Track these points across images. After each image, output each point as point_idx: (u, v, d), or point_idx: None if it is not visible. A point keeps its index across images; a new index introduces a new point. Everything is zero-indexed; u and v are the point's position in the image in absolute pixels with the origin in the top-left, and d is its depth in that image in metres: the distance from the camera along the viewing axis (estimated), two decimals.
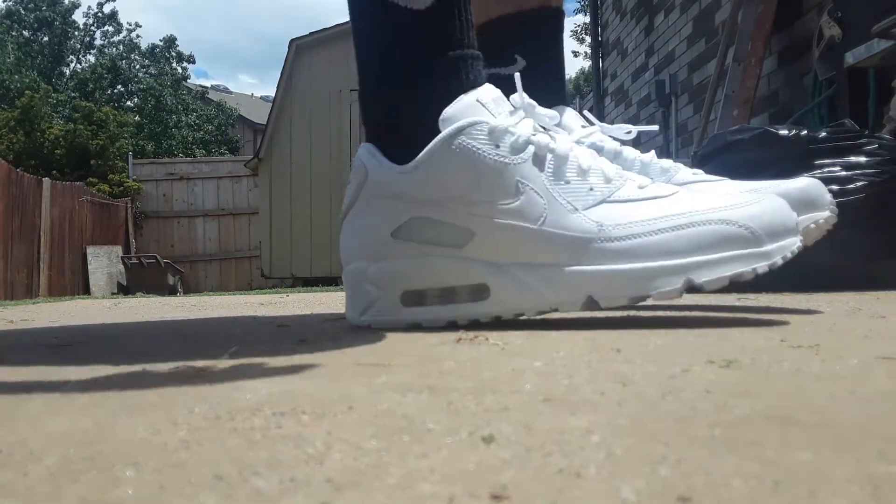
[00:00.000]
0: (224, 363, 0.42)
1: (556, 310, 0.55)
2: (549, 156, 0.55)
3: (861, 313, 0.60)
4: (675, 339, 0.45)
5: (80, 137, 8.59)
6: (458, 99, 0.56)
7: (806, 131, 1.08)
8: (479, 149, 0.55)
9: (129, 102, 13.49)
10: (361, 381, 0.34)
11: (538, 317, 0.59)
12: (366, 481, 0.18)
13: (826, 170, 1.04)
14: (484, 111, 0.56)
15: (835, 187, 1.01)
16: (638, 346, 0.42)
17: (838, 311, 0.63)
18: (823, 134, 1.07)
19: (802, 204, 0.62)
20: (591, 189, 0.54)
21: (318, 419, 0.26)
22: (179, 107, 13.28)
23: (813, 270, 1.00)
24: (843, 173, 1.03)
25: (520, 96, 0.58)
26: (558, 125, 0.62)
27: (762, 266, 0.50)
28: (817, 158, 1.05)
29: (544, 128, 0.58)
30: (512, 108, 0.57)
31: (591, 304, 0.53)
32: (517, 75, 0.59)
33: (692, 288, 0.51)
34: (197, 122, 13.46)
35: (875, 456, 0.19)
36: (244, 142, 13.76)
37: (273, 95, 6.39)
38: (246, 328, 0.72)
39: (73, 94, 12.45)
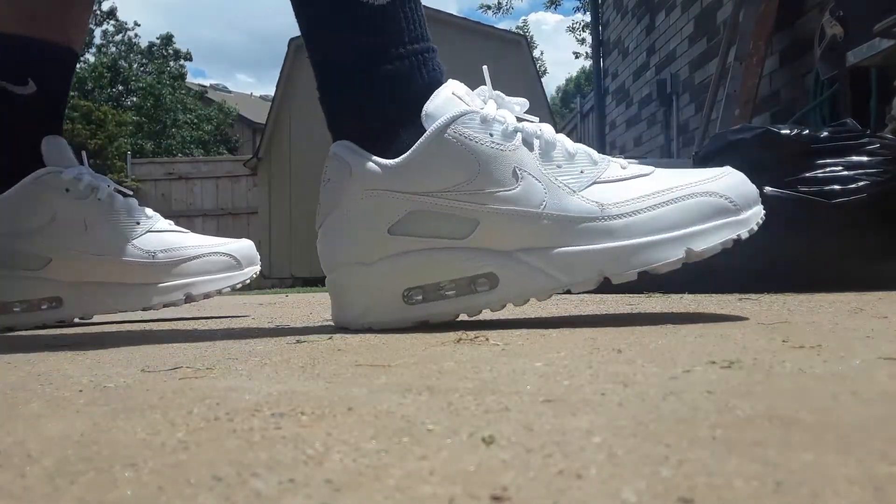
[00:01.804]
0: (223, 364, 0.42)
1: (568, 291, 0.56)
2: (537, 141, 0.57)
3: (863, 314, 0.59)
4: (676, 339, 0.45)
5: (78, 137, 8.59)
6: (434, 94, 0.57)
7: (808, 131, 1.08)
8: (474, 137, 0.55)
9: (127, 101, 13.48)
10: (361, 381, 0.33)
11: (538, 315, 0.59)
12: (365, 482, 0.18)
13: (828, 169, 1.03)
14: (462, 104, 0.57)
15: (836, 187, 1.01)
16: (639, 346, 0.42)
17: (840, 311, 0.63)
18: (825, 133, 1.07)
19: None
20: (582, 172, 0.57)
21: (318, 420, 0.25)
22: (178, 106, 13.27)
23: (815, 270, 1.00)
24: (845, 173, 1.02)
25: (488, 89, 0.59)
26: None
27: (744, 232, 0.55)
28: (819, 158, 1.05)
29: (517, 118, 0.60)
30: (483, 101, 0.59)
31: (605, 280, 0.55)
32: (485, 68, 0.61)
33: (690, 256, 0.54)
34: (196, 121, 13.45)
35: (878, 457, 0.19)
36: (243, 141, 13.76)
37: (271, 94, 6.39)
38: (245, 328, 0.72)
39: (72, 94, 12.44)
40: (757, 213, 0.57)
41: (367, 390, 0.31)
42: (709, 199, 0.55)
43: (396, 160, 0.56)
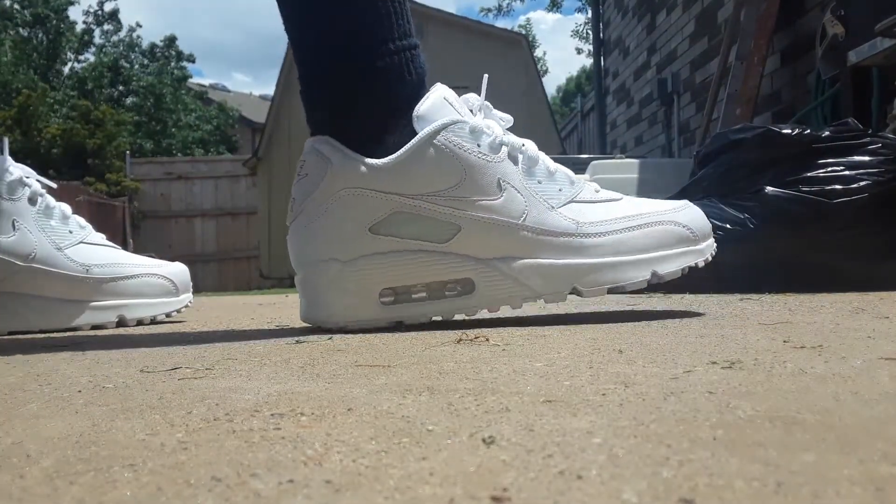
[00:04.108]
0: (222, 364, 0.42)
1: (541, 299, 0.58)
2: (521, 156, 0.59)
3: (865, 314, 0.59)
4: (677, 339, 0.45)
5: (76, 136, 8.59)
6: (426, 96, 0.58)
7: (809, 130, 1.08)
8: (463, 146, 0.57)
9: (127, 101, 13.47)
10: (361, 381, 0.33)
11: (538, 315, 0.59)
12: (365, 483, 0.18)
13: (829, 169, 1.03)
14: (453, 109, 0.58)
15: (838, 187, 1.01)
16: (640, 346, 0.42)
17: (841, 311, 0.63)
18: (826, 133, 1.07)
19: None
20: (560, 189, 0.60)
21: (317, 420, 0.25)
22: (178, 106, 13.27)
23: (816, 271, 1.00)
24: (847, 173, 1.02)
25: (480, 98, 0.60)
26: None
27: (701, 261, 0.61)
28: (820, 158, 1.04)
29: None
30: (471, 108, 0.60)
31: (575, 293, 0.59)
32: (485, 77, 0.62)
33: (654, 278, 0.59)
34: (196, 121, 13.46)
35: (879, 457, 0.19)
36: (243, 141, 13.76)
37: (270, 94, 6.39)
38: (244, 329, 0.72)
39: (71, 93, 12.44)
40: (710, 245, 0.62)
41: (367, 390, 0.31)
42: (674, 228, 0.60)
43: (384, 161, 0.56)
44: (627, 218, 0.59)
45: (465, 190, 0.56)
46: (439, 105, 0.57)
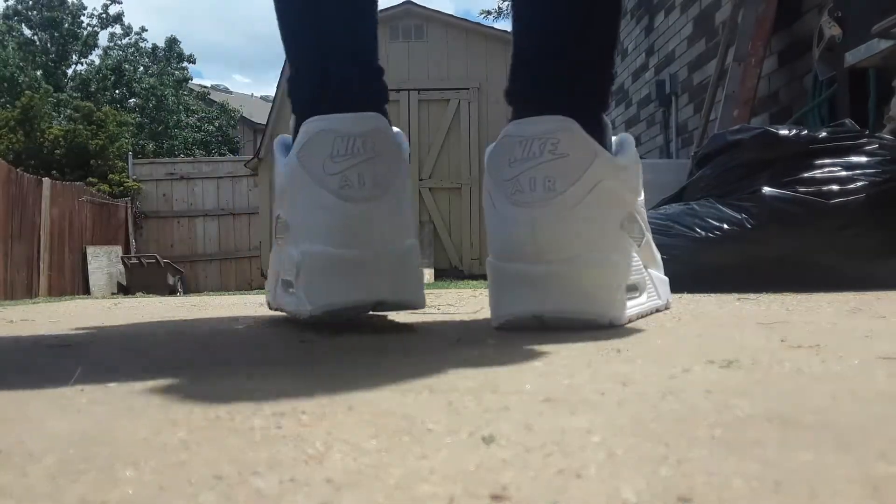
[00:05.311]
0: (223, 363, 0.42)
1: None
2: None
3: (862, 313, 0.59)
4: (675, 339, 0.45)
5: (79, 137, 8.58)
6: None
7: (806, 131, 1.08)
8: None
9: (130, 101, 13.45)
10: (361, 381, 0.33)
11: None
12: (366, 482, 0.18)
13: (826, 170, 1.04)
14: None
15: (835, 187, 1.01)
16: (638, 346, 0.42)
17: (839, 311, 0.63)
18: (824, 134, 1.07)
19: None
20: None
21: (318, 419, 0.26)
22: (180, 107, 13.27)
23: (813, 270, 1.00)
24: (844, 173, 1.03)
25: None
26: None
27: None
28: (818, 158, 1.05)
29: None
30: None
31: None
32: None
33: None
34: (198, 123, 13.46)
35: (876, 456, 0.19)
36: (245, 142, 13.75)
37: (271, 95, 6.37)
38: (246, 328, 0.72)
39: (74, 95, 12.42)
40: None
41: (368, 390, 0.31)
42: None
43: (622, 160, 0.58)
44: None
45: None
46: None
